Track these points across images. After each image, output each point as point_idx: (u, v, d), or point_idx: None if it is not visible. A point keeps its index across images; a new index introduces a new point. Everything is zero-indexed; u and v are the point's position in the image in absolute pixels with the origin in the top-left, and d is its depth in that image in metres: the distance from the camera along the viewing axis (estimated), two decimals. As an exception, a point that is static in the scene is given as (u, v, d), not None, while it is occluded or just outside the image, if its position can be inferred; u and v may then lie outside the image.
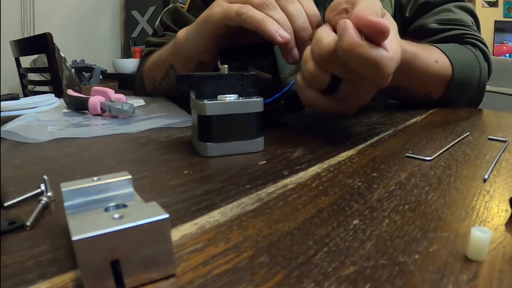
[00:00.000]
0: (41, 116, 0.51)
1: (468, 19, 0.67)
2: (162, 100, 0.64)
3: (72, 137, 0.41)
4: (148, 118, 0.51)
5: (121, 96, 0.54)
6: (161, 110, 0.56)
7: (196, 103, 0.34)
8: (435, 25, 0.65)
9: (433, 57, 0.57)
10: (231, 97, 0.34)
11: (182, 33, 0.53)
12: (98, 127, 0.47)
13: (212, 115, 0.34)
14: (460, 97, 0.61)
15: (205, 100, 0.34)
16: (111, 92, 0.54)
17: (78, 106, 0.55)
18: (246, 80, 0.35)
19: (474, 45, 0.65)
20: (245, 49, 0.46)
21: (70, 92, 0.58)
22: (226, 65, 0.37)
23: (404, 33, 0.66)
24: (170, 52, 0.58)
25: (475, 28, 0.68)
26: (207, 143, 0.34)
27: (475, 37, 0.65)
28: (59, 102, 0.60)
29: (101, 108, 0.52)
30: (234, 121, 0.34)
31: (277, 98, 0.42)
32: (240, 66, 0.45)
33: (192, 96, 0.36)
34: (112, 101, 0.52)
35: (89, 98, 0.53)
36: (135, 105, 0.59)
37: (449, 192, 0.27)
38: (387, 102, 0.66)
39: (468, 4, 0.69)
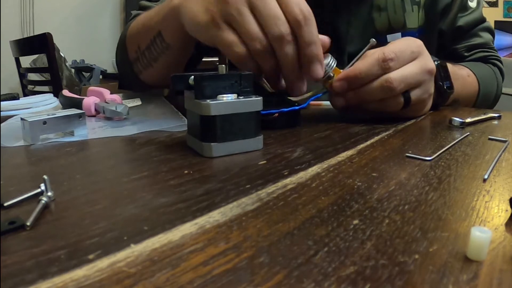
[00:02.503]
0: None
1: (489, 38, 0.81)
2: (159, 101, 0.64)
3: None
4: (142, 120, 0.50)
5: (116, 97, 0.54)
6: (157, 112, 0.56)
7: (199, 103, 0.34)
8: (465, 51, 0.79)
9: (465, 72, 0.69)
10: (229, 97, 0.34)
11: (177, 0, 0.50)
12: (91, 130, 0.46)
13: (216, 115, 0.34)
14: (482, 106, 0.73)
15: (208, 100, 0.34)
16: (106, 92, 0.54)
17: (73, 107, 0.54)
18: (243, 80, 0.36)
19: (494, 64, 0.79)
20: None
21: (65, 92, 0.58)
22: (224, 65, 0.37)
23: (439, 54, 0.79)
24: (162, 18, 0.54)
25: (494, 48, 0.81)
26: (211, 144, 0.34)
27: (495, 57, 0.80)
28: (57, 102, 0.60)
29: (96, 109, 0.52)
30: (237, 120, 0.35)
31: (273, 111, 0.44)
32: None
33: (190, 96, 0.36)
34: (106, 102, 0.52)
35: (83, 99, 0.53)
36: (131, 105, 0.59)
37: (449, 192, 0.27)
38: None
39: (489, 24, 0.82)
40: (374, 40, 0.46)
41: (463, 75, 0.68)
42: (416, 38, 0.49)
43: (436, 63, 0.52)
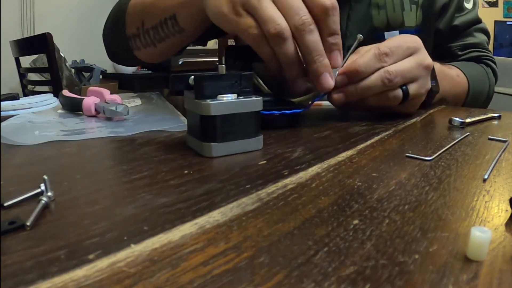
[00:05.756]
0: (35, 117, 0.51)
1: (484, 39, 0.82)
2: (159, 101, 0.64)
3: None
4: (142, 120, 0.50)
5: (116, 97, 0.54)
6: (157, 112, 0.56)
7: (199, 103, 0.34)
8: (459, 50, 0.80)
9: (454, 72, 0.70)
10: (229, 97, 0.34)
11: None
12: (90, 130, 0.46)
13: (216, 115, 0.34)
14: (473, 106, 0.73)
15: (208, 100, 0.34)
16: (106, 92, 0.54)
17: (73, 107, 0.55)
18: (243, 80, 0.36)
19: (487, 65, 0.81)
20: (251, 49, 0.45)
21: (65, 92, 0.57)
22: (223, 65, 0.37)
23: (434, 52, 0.78)
24: (180, 2, 0.55)
25: (488, 48, 0.83)
26: (211, 144, 0.34)
27: (488, 57, 0.81)
28: (57, 102, 0.60)
29: (96, 109, 0.52)
30: (237, 120, 0.35)
31: (276, 113, 0.44)
32: (243, 65, 0.45)
33: (190, 96, 0.36)
34: (106, 102, 0.52)
35: (83, 99, 0.53)
36: (131, 105, 0.59)
37: (449, 192, 0.27)
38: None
39: (484, 26, 0.83)
40: (361, 35, 0.47)
41: (451, 75, 0.69)
42: (413, 35, 0.50)
43: None
